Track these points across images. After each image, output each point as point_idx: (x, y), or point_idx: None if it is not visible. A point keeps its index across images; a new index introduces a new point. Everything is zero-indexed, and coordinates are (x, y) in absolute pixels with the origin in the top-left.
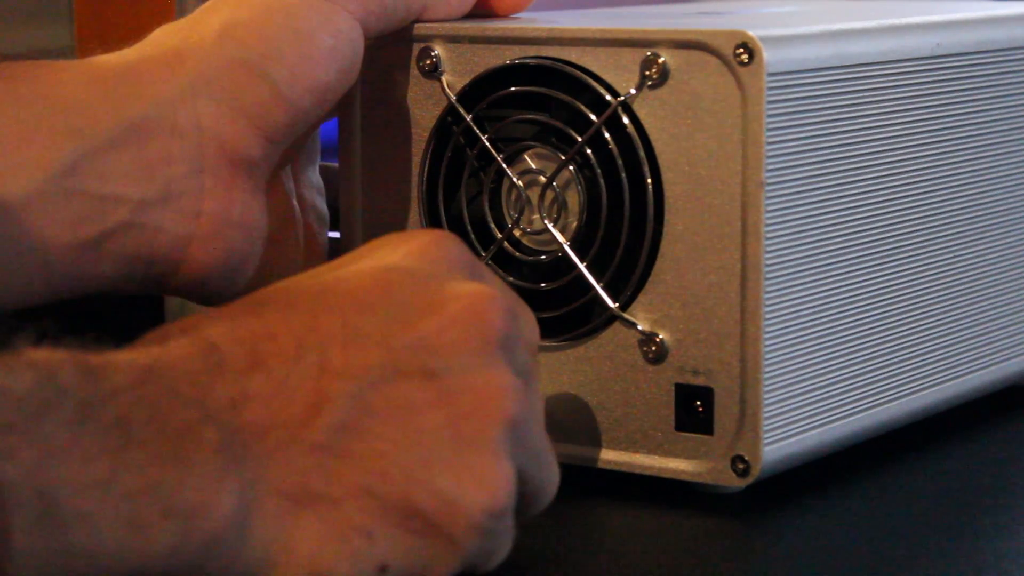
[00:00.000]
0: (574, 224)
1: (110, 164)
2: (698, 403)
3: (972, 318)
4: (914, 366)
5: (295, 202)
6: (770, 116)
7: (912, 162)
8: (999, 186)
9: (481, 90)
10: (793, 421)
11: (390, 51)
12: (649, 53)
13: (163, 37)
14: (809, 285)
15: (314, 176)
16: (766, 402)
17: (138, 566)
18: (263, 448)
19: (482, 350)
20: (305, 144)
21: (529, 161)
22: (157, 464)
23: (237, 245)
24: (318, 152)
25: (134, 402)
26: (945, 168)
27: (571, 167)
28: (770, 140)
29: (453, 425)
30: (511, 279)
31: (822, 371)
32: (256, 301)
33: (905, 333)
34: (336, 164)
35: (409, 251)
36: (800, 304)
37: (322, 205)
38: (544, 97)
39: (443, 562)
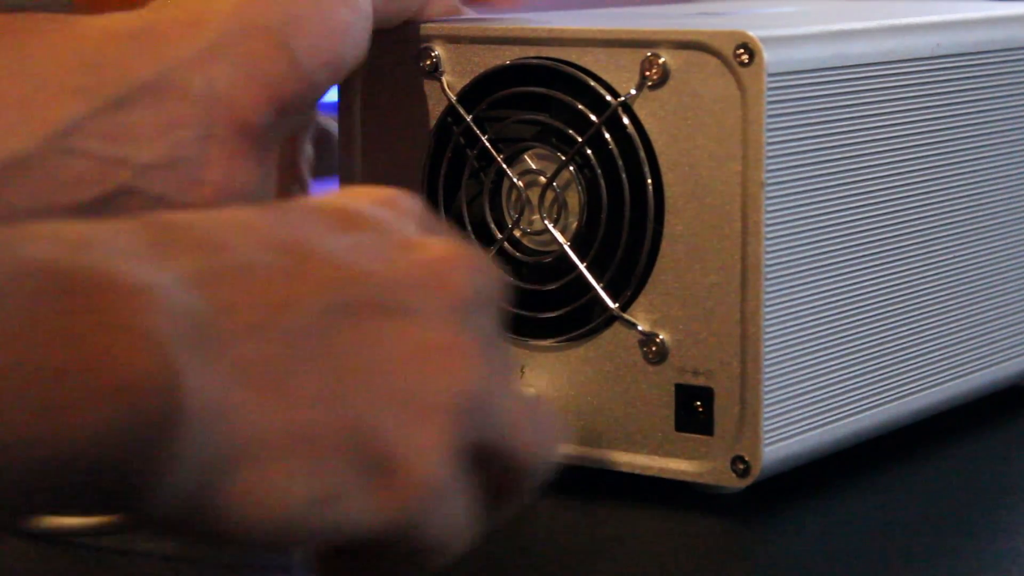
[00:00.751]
0: (574, 224)
1: (116, 125)
2: (698, 403)
3: (972, 318)
4: (914, 366)
5: (279, 170)
6: (770, 116)
7: (912, 162)
8: (999, 186)
9: (481, 90)
10: (793, 421)
11: (390, 51)
12: (649, 53)
13: None
14: (809, 285)
15: (307, 146)
16: (766, 402)
17: (60, 456)
18: (228, 328)
19: (449, 308)
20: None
21: (529, 161)
22: (73, 339)
23: None
24: (314, 122)
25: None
26: (945, 168)
27: (571, 167)
28: (770, 140)
29: (407, 375)
30: (511, 279)
31: (822, 371)
32: (214, 215)
33: (905, 333)
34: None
35: (374, 200)
36: (800, 304)
37: (307, 176)
38: (544, 97)
39: (367, 513)
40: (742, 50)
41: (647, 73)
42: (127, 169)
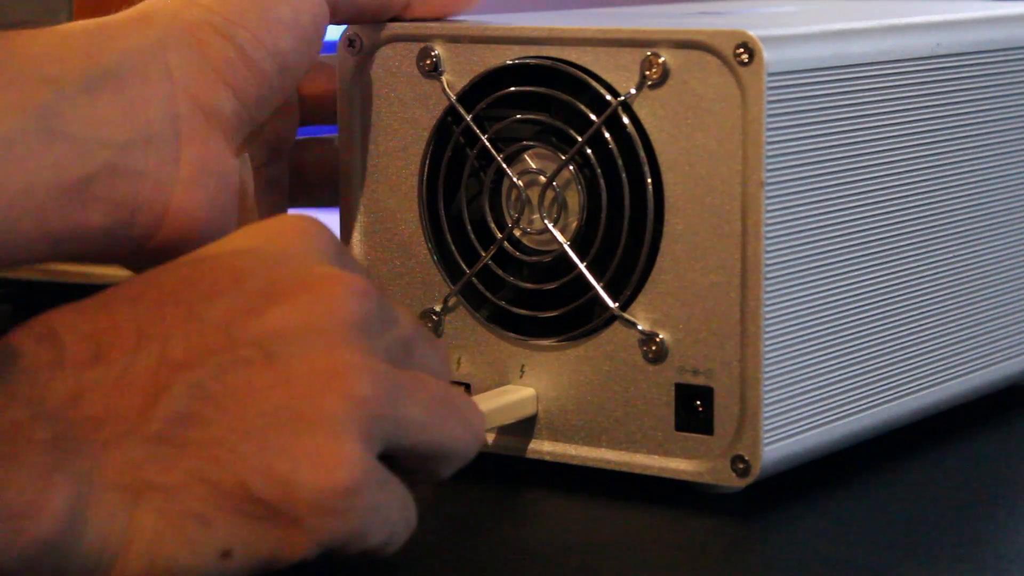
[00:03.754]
0: (574, 224)
1: (89, 109)
2: (698, 403)
3: (972, 318)
4: (914, 366)
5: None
6: (770, 116)
7: (912, 162)
8: (999, 186)
9: (481, 90)
10: (793, 421)
11: (390, 51)
12: (649, 53)
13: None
14: (809, 285)
15: (277, 174)
16: (766, 402)
17: None
18: (98, 440)
19: (329, 331)
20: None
21: (529, 161)
22: None
23: (217, 195)
24: (283, 155)
25: None
26: (945, 168)
27: (571, 167)
28: (770, 140)
29: (292, 407)
30: (511, 279)
31: (822, 371)
32: (107, 294)
33: (905, 333)
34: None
35: (265, 236)
36: (800, 304)
37: (255, 209)
38: (544, 97)
39: (292, 545)
40: (742, 50)
41: (647, 73)
42: (107, 149)
